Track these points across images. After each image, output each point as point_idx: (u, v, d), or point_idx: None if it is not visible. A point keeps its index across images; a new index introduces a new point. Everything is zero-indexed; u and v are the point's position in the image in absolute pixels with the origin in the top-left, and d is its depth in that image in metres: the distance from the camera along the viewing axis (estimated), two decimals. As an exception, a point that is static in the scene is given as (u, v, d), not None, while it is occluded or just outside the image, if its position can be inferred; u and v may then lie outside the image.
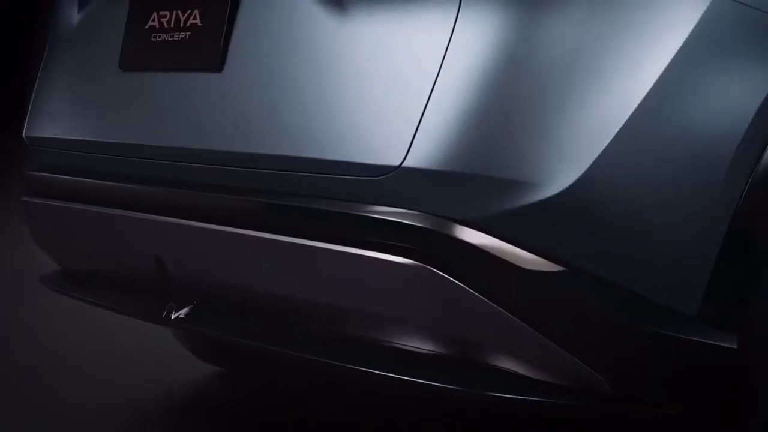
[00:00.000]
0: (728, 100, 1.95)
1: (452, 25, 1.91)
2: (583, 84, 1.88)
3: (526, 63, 1.88)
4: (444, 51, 1.90)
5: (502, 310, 1.87)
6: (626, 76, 1.89)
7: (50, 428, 2.88)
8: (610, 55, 1.89)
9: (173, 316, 2.27)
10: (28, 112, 2.61)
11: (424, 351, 1.97)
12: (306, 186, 2.00)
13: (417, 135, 1.89)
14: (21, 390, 3.14)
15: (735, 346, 1.94)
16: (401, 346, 1.99)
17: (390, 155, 1.90)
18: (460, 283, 1.86)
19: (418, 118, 1.89)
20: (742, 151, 1.94)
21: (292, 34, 2.07)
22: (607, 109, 1.87)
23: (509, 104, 1.88)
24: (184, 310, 2.27)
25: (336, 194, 1.95)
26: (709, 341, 1.94)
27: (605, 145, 1.86)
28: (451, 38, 1.90)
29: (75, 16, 2.53)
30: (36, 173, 2.54)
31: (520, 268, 1.86)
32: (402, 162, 1.89)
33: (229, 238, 2.09)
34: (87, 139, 2.41)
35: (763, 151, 1.96)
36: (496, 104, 1.88)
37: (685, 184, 1.91)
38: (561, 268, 1.87)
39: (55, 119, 2.51)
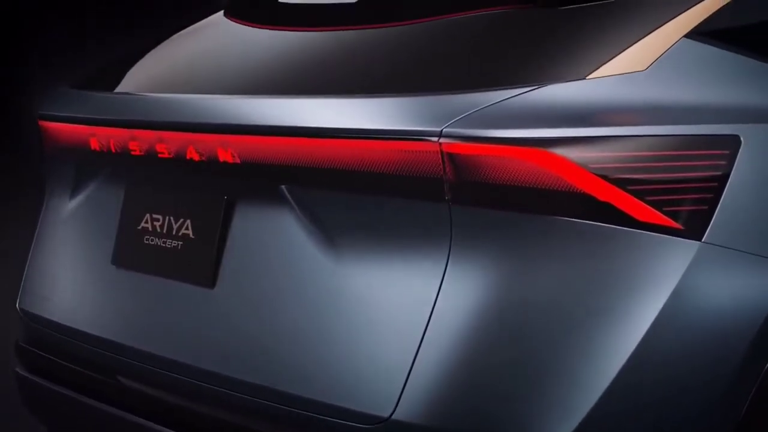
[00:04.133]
0: (723, 338, 1.97)
1: (440, 279, 1.92)
2: (572, 337, 1.89)
3: (513, 319, 1.90)
4: (432, 304, 1.92)
5: None
6: (614, 330, 1.90)
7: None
8: (597, 306, 1.90)
9: None
10: (21, 285, 2.63)
11: None
12: (290, 422, 2.03)
13: (406, 387, 1.91)
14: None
15: None
16: None
17: (380, 406, 1.92)
18: None
19: (408, 370, 1.91)
20: (735, 393, 1.96)
21: (284, 263, 2.09)
22: (596, 362, 1.89)
23: (496, 360, 1.90)
24: None
25: None
26: None
27: (595, 400, 1.88)
28: (439, 292, 1.92)
29: (67, 203, 2.55)
30: (27, 347, 2.58)
31: None
32: (391, 414, 1.91)
33: None
34: (76, 327, 2.44)
35: (754, 385, 1.98)
36: (482, 360, 1.90)
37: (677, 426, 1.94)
38: None
39: (47, 300, 2.54)
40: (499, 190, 1.89)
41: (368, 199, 1.99)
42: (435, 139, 1.89)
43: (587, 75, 1.99)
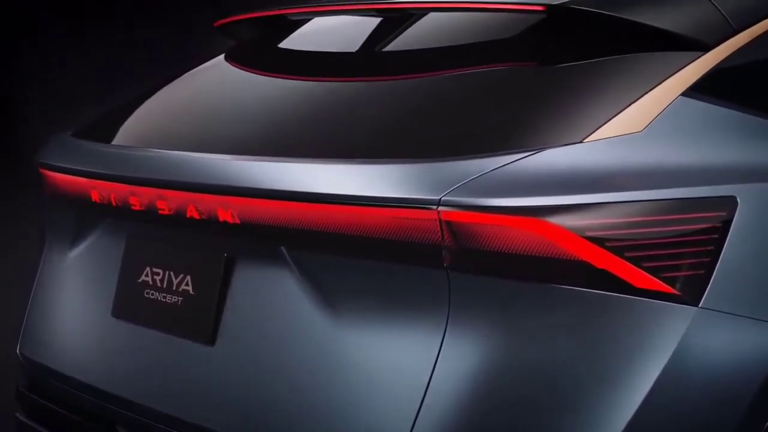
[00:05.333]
0: (722, 401, 1.98)
1: (439, 345, 1.93)
2: (570, 404, 1.91)
3: (512, 385, 1.91)
4: (431, 370, 1.93)
5: None
6: (612, 397, 1.91)
7: None
8: (595, 373, 1.92)
9: None
10: (22, 329, 2.65)
11: None
12: None
13: None
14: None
15: None
16: None
17: None
18: None
19: None
20: None
21: (283, 323, 2.10)
22: (595, 428, 1.90)
23: (495, 427, 1.91)
24: None
25: None
26: None
27: None
28: (437, 358, 1.93)
29: (68, 251, 2.56)
30: (26, 393, 2.60)
31: None
32: None
33: None
34: (74, 376, 2.45)
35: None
36: (482, 426, 1.91)
37: None
38: None
39: (46, 348, 2.55)
40: (497, 257, 1.91)
41: (367, 264, 2.00)
42: (434, 207, 1.90)
43: (584, 138, 1.99)
